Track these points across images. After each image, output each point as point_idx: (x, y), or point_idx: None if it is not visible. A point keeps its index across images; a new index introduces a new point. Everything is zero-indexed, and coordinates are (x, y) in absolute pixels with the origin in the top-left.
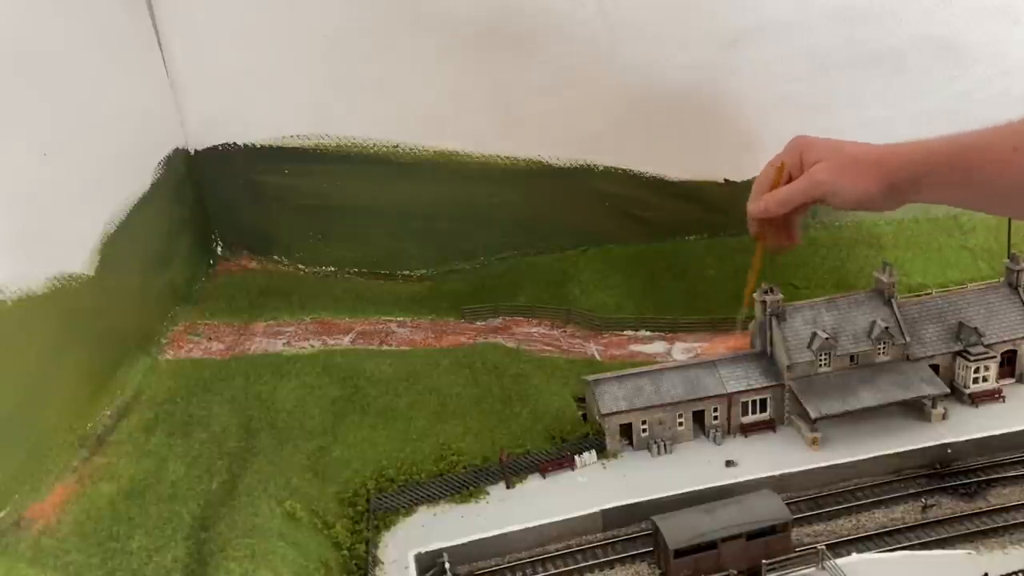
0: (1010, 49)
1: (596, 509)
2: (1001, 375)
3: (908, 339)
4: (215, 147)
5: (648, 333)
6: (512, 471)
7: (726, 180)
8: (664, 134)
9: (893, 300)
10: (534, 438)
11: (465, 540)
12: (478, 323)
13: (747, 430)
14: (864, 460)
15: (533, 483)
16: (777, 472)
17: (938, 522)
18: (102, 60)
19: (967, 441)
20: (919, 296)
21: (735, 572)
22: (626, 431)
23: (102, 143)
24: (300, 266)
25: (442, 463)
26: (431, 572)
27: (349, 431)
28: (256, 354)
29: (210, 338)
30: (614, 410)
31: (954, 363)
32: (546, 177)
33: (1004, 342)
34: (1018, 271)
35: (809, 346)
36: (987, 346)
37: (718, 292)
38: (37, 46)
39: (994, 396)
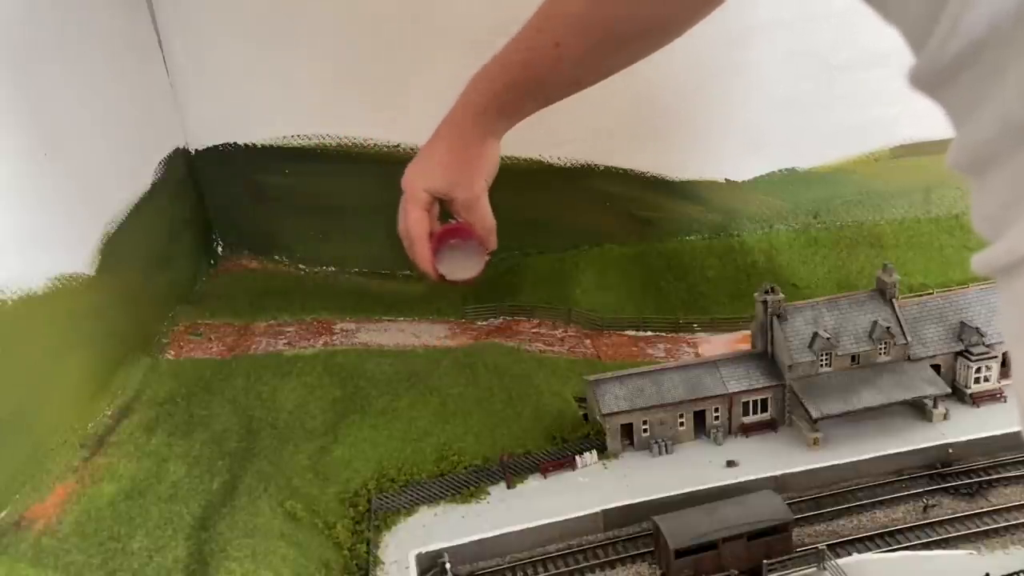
0: None
1: (597, 509)
2: (1002, 375)
3: (909, 339)
4: (215, 147)
5: (651, 333)
6: (513, 471)
7: (727, 180)
8: (664, 134)
9: (894, 300)
10: (535, 438)
11: (466, 540)
12: (478, 323)
13: (748, 430)
14: (865, 460)
15: (534, 483)
16: (778, 472)
17: (939, 522)
18: (102, 60)
19: (968, 441)
20: (920, 296)
21: (736, 572)
22: (627, 431)
23: (102, 143)
24: (301, 266)
25: (443, 463)
26: (432, 572)
27: (350, 431)
28: (257, 354)
29: (211, 338)
30: (615, 410)
31: (955, 363)
32: (546, 177)
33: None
34: None
35: (810, 346)
36: (988, 346)
37: (719, 292)
38: (36, 46)
39: (995, 396)
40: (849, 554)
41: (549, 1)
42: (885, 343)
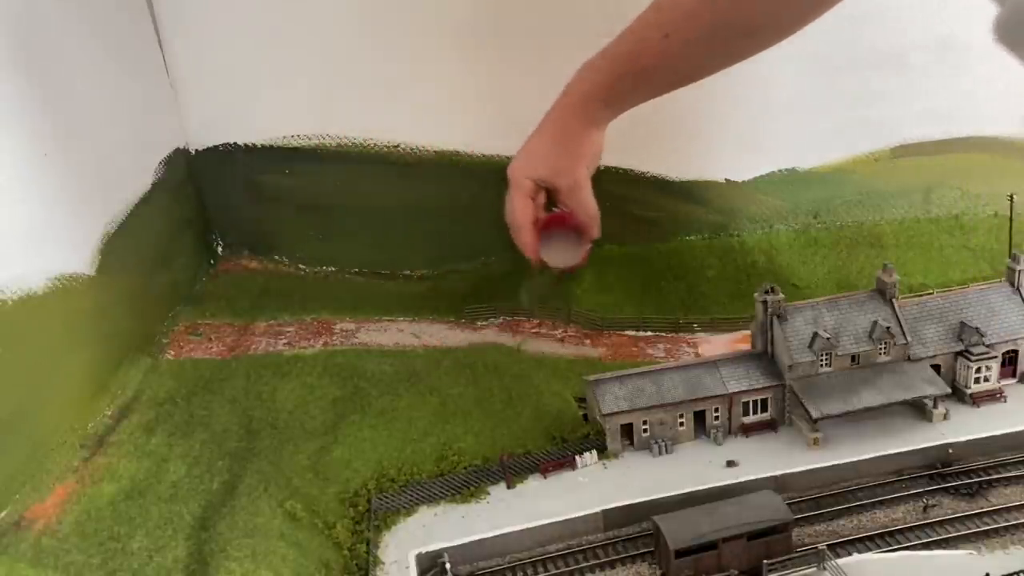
0: None
1: (597, 509)
2: (1002, 375)
3: (909, 339)
4: (215, 147)
5: (651, 333)
6: (513, 471)
7: (727, 180)
8: (664, 134)
9: (894, 300)
10: (535, 438)
11: (466, 540)
12: (478, 323)
13: (748, 430)
14: (865, 460)
15: (534, 483)
16: (778, 472)
17: (939, 522)
18: (102, 60)
19: (968, 441)
20: (920, 296)
21: (736, 572)
22: (627, 431)
23: (102, 143)
24: (301, 266)
25: (443, 463)
26: (432, 572)
27: (350, 431)
28: (257, 354)
29: (211, 338)
30: (615, 410)
31: (955, 363)
32: None
33: (1005, 342)
34: (1019, 271)
35: (810, 346)
36: (988, 346)
37: (719, 292)
38: (37, 46)
39: (995, 396)
40: (849, 554)
41: None
42: (885, 343)
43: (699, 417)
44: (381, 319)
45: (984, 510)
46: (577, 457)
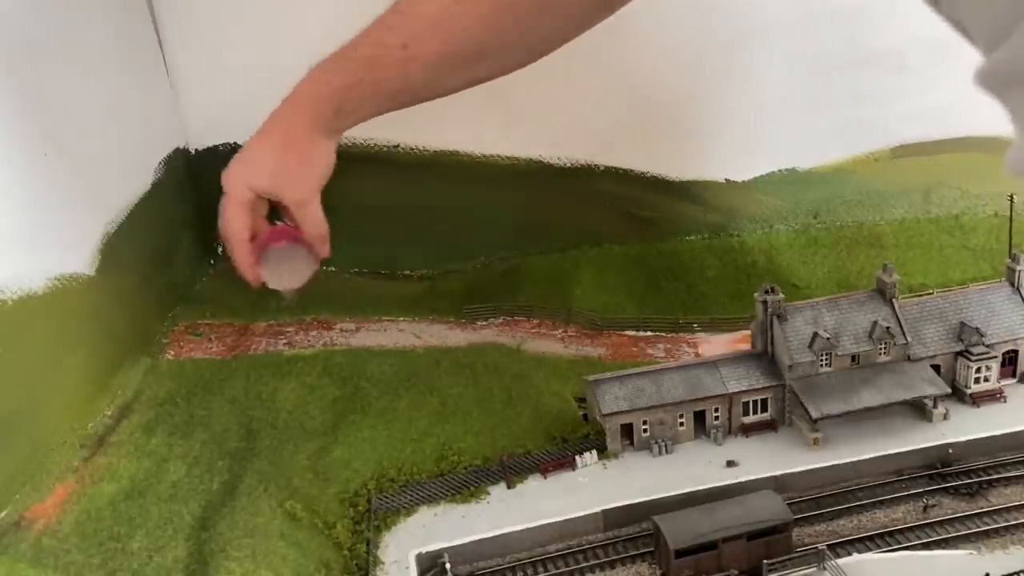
0: None
1: (597, 509)
2: (1002, 375)
3: (909, 339)
4: (215, 147)
5: (651, 333)
6: (513, 471)
7: (727, 180)
8: (664, 134)
9: (894, 300)
10: (535, 438)
11: (466, 540)
12: (478, 323)
13: (748, 430)
14: (865, 460)
15: (534, 483)
16: (778, 472)
17: (939, 522)
18: (102, 59)
19: (968, 441)
20: (920, 296)
21: (736, 572)
22: (627, 431)
23: (102, 143)
24: None
25: (443, 463)
26: (432, 572)
27: (350, 431)
28: (257, 354)
29: (211, 338)
30: (615, 410)
31: (955, 363)
32: (546, 177)
33: (1005, 342)
34: (1019, 271)
35: (810, 346)
36: (988, 346)
37: (719, 292)
38: (36, 46)
39: (995, 396)
40: (849, 554)
41: None
42: (885, 343)
43: (699, 417)
44: (381, 319)
45: (984, 510)
46: (577, 457)
